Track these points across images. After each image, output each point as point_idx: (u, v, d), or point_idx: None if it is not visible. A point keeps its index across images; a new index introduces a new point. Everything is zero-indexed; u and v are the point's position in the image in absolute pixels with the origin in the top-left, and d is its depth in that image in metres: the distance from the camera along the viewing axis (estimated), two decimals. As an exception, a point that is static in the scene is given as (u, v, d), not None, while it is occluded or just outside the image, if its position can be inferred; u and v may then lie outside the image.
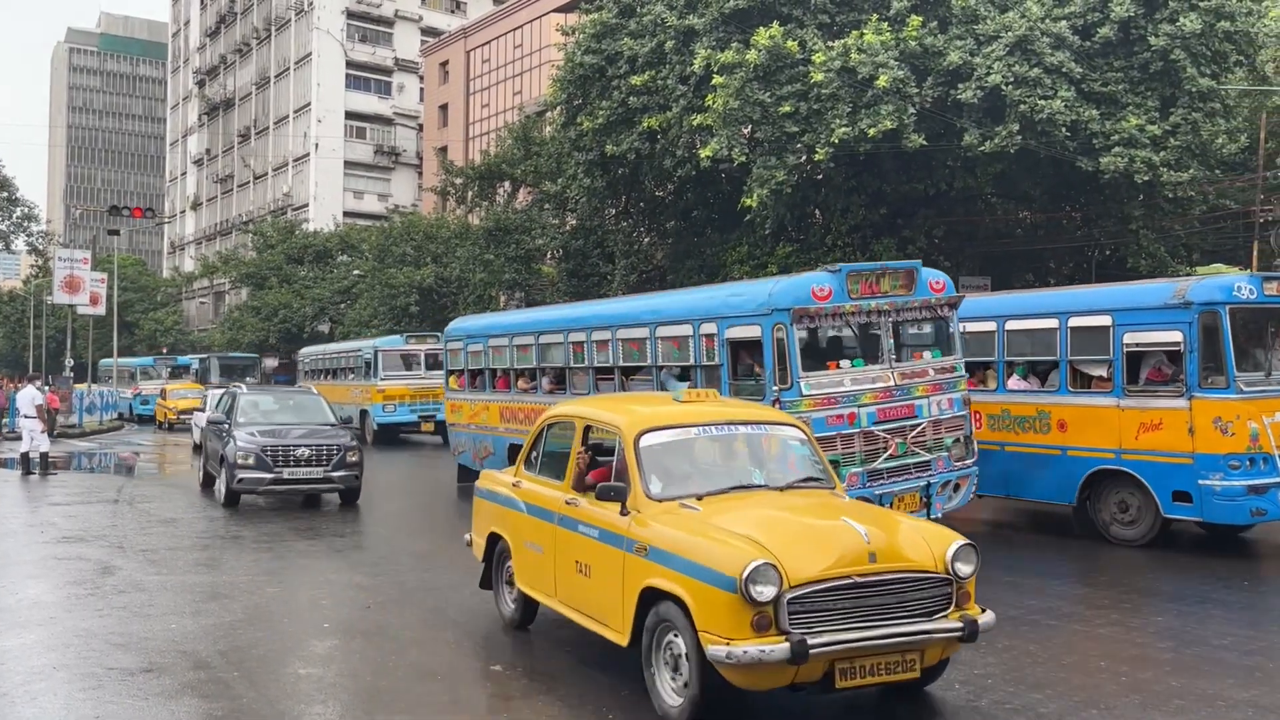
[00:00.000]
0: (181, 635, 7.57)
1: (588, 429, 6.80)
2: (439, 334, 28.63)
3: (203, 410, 23.75)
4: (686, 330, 11.21)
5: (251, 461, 13.94)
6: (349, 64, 64.68)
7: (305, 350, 35.29)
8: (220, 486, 14.64)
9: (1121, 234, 21.40)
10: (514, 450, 13.71)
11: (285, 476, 14.10)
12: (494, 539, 7.69)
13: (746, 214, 21.15)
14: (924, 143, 18.60)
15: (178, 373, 44.34)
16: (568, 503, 6.57)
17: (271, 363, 51.81)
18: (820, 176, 22.01)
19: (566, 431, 7.12)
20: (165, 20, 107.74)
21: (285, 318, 48.67)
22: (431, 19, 67.51)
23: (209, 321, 68.47)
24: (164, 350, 55.73)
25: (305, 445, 14.26)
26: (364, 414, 27.14)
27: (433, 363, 26.00)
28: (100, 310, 40.18)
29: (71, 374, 40.92)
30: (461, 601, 8.66)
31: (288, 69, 66.65)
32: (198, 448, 23.10)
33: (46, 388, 28.36)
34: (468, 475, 15.99)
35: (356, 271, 46.81)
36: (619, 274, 26.88)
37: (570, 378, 13.63)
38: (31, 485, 18.05)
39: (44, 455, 19.68)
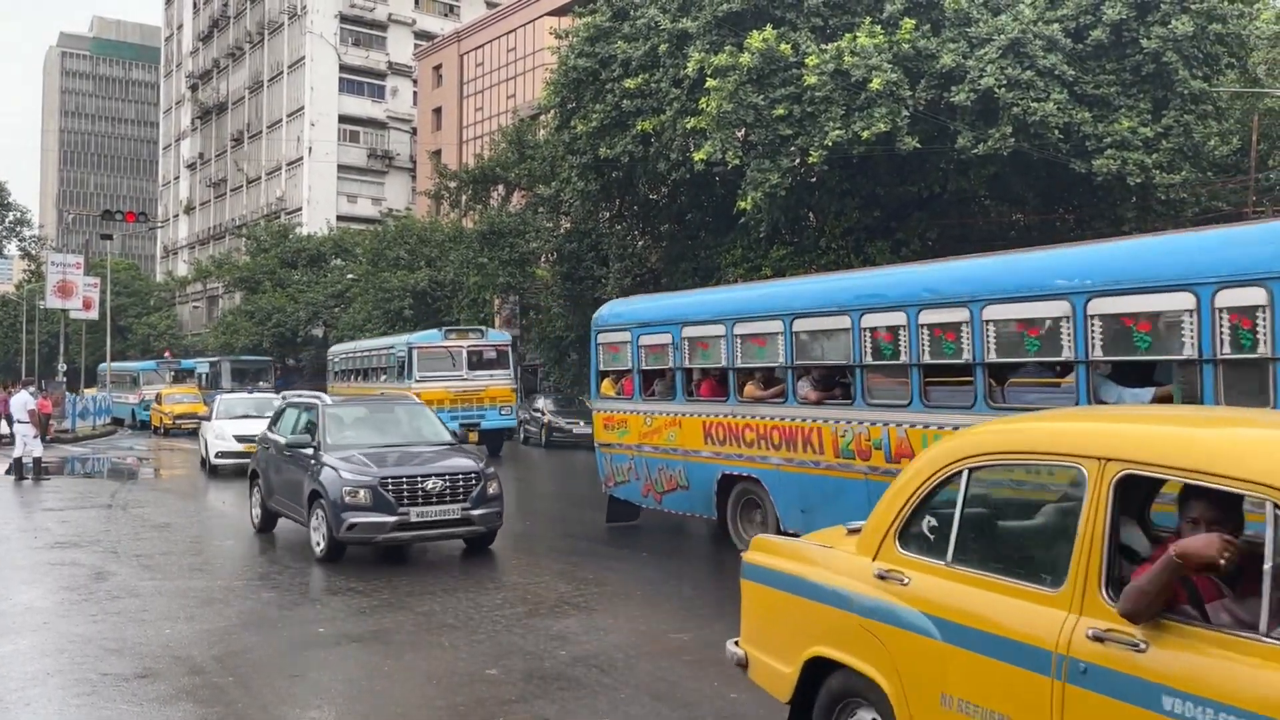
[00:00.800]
0: (176, 640, 7.55)
1: (1193, 494, 3.17)
2: (483, 328, 25.62)
3: (209, 418, 21.94)
4: (1179, 301, 6.80)
5: (365, 499, 10.10)
6: (342, 68, 64.66)
7: (335, 348, 32.35)
8: (315, 535, 10.74)
9: (1115, 236, 21.43)
10: (728, 483, 10.75)
11: (414, 519, 10.16)
12: (822, 668, 4.33)
13: (740, 217, 21.16)
14: (917, 145, 18.63)
15: (181, 377, 43.77)
16: (1095, 638, 3.21)
17: None
18: (814, 179, 22.02)
19: (1061, 487, 3.80)
20: (158, 24, 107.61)
21: (279, 322, 48.58)
22: (425, 22, 67.51)
23: (202, 326, 68.34)
24: (167, 353, 53.73)
25: (436, 474, 10.37)
26: None
27: (476, 361, 23.61)
28: (93, 315, 40.11)
29: (64, 379, 40.76)
30: (456, 606, 8.64)
31: (281, 73, 66.61)
32: (204, 463, 21.38)
33: (40, 392, 28.25)
34: (624, 512, 12.71)
35: (350, 275, 46.79)
36: (613, 277, 26.86)
37: (866, 381, 9.25)
38: (25, 490, 17.98)
39: (37, 460, 19.61)
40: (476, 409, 22.82)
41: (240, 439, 19.75)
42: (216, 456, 20.44)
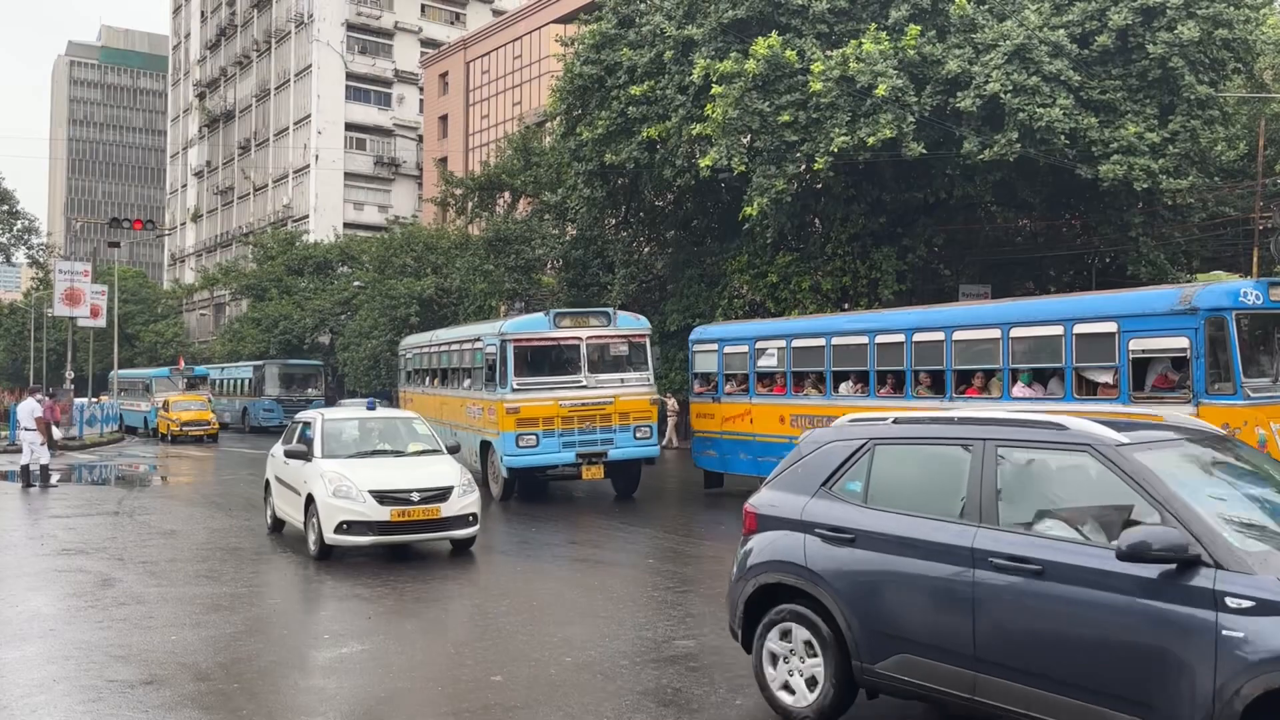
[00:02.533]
0: (182, 647, 7.54)
1: None
2: (609, 310, 17.08)
3: (307, 455, 11.66)
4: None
5: None
6: (349, 76, 64.90)
7: (407, 340, 24.69)
8: None
9: (1121, 241, 21.41)
10: None
11: None
12: None
13: (746, 223, 21.19)
14: (923, 151, 18.63)
15: (194, 384, 43.50)
16: None
17: None
18: (820, 185, 22.04)
19: None
20: (166, 33, 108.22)
21: (286, 329, 48.64)
22: (431, 30, 67.74)
23: (209, 333, 68.53)
24: (181, 362, 50.41)
25: None
26: (486, 448, 16.61)
27: (600, 359, 16.25)
28: (101, 322, 40.16)
29: (72, 386, 40.79)
30: (461, 611, 8.63)
31: (288, 81, 66.86)
32: (275, 527, 13.23)
33: (46, 398, 28.24)
34: None
35: (357, 283, 46.86)
36: (618, 283, 26.88)
37: None
38: (32, 498, 18.02)
39: (44, 468, 19.65)
40: (601, 431, 15.67)
41: (386, 498, 10.78)
42: (339, 530, 10.76)
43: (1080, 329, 11.05)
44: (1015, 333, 11.86)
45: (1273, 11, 23.30)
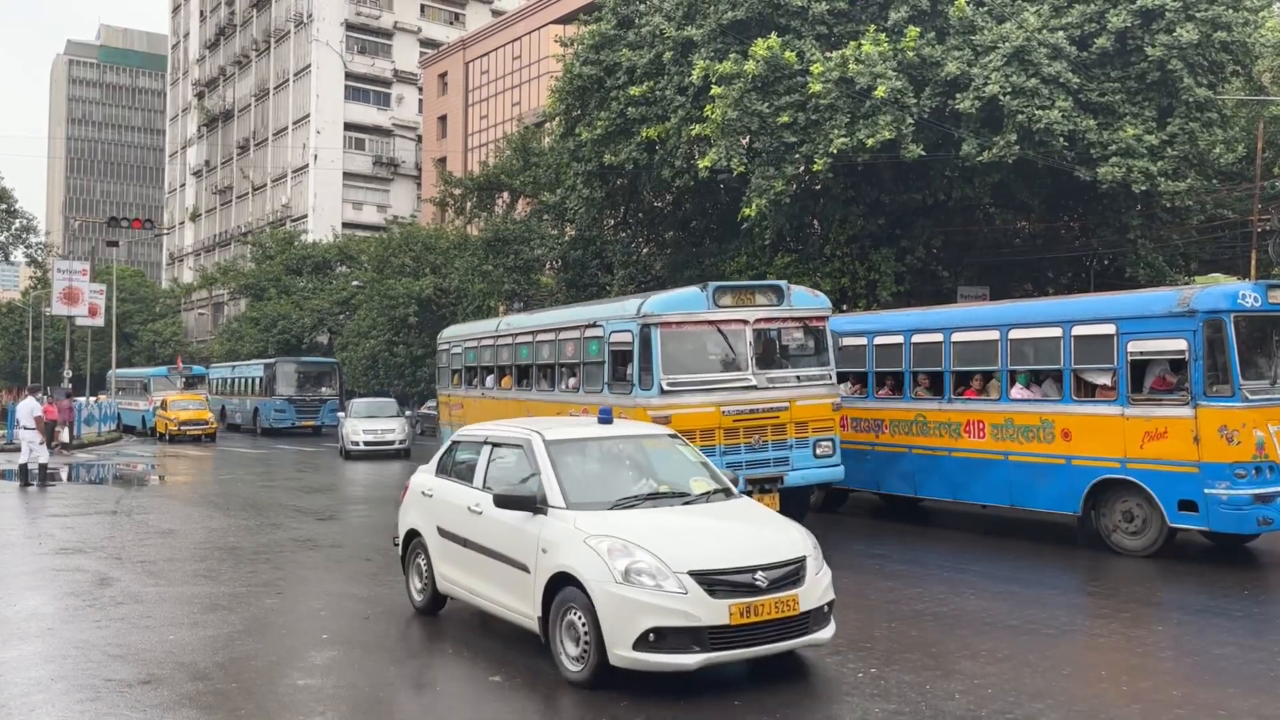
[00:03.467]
0: (180, 646, 7.54)
1: None
2: (781, 284, 12.49)
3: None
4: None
5: None
6: (348, 75, 64.93)
7: (453, 332, 19.84)
8: None
9: (1119, 243, 21.43)
10: None
11: None
12: None
13: (744, 224, 21.18)
14: (922, 153, 18.63)
15: (192, 383, 43.31)
16: None
17: None
18: (819, 187, 22.04)
19: None
20: (165, 32, 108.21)
21: (284, 329, 48.65)
22: (430, 31, 67.76)
23: (208, 332, 68.53)
24: (180, 362, 48.90)
25: None
26: None
27: (770, 350, 12.31)
28: (99, 321, 40.15)
29: (69, 384, 40.75)
30: (460, 613, 8.62)
31: (287, 80, 66.87)
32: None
33: (46, 397, 28.18)
34: None
35: (355, 282, 46.90)
36: (617, 284, 26.87)
37: None
38: (29, 497, 18.01)
39: (42, 467, 19.65)
40: (774, 447, 11.88)
41: (717, 583, 6.14)
42: (643, 644, 6.04)
43: (1079, 331, 11.06)
44: (1014, 334, 11.89)
45: (1271, 14, 23.33)
